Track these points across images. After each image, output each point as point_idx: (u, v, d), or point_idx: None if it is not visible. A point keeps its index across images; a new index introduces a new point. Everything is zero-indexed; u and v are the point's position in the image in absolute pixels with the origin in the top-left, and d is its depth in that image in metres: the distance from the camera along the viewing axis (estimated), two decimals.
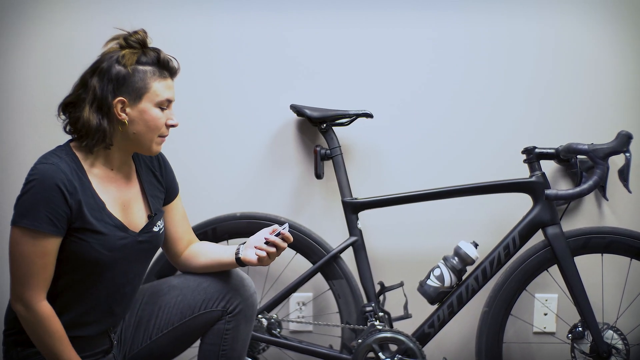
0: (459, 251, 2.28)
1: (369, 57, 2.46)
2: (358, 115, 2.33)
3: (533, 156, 2.28)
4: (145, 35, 1.80)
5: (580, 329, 2.30)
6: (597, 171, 2.18)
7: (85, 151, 1.78)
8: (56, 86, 2.32)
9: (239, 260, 1.93)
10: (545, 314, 2.55)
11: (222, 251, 1.98)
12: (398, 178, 2.47)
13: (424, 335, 2.30)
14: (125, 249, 1.80)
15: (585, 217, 2.49)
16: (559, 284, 2.38)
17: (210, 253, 1.99)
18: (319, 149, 2.33)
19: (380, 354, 2.24)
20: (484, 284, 2.30)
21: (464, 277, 2.30)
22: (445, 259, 2.29)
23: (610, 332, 2.30)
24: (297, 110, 2.37)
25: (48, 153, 1.77)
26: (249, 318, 1.99)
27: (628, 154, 2.20)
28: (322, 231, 2.40)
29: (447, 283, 2.27)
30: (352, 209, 2.32)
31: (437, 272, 2.28)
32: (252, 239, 1.93)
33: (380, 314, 2.29)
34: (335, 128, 2.35)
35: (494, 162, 2.47)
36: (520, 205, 2.32)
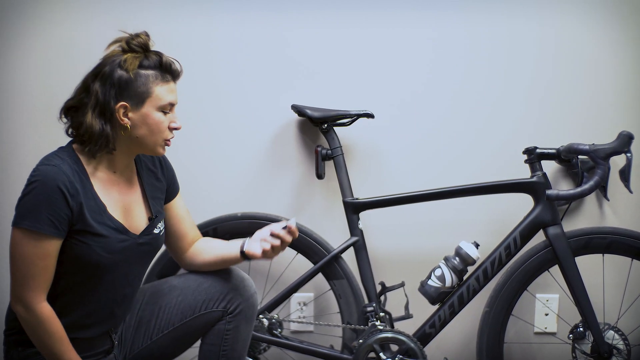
0: (460, 251, 2.28)
1: (369, 57, 2.46)
2: (359, 116, 2.33)
3: (534, 156, 2.28)
4: (147, 38, 1.79)
5: (581, 329, 2.30)
6: (598, 171, 2.18)
7: (88, 155, 1.77)
8: (56, 86, 2.34)
9: (243, 253, 1.92)
10: (546, 314, 2.55)
11: (227, 246, 1.97)
12: (399, 178, 2.47)
13: (425, 335, 2.30)
14: (126, 251, 1.80)
15: (586, 218, 2.49)
16: (560, 284, 2.38)
17: (214, 249, 1.99)
18: (320, 149, 2.32)
19: (381, 354, 2.24)
20: (485, 284, 2.29)
21: (465, 278, 2.30)
22: (446, 259, 2.29)
23: (611, 333, 2.30)
24: (298, 110, 2.36)
25: (50, 154, 1.76)
26: (249, 318, 1.99)
27: (629, 154, 2.20)
28: (323, 231, 2.40)
29: (448, 283, 2.27)
30: (353, 209, 2.32)
31: (438, 272, 2.28)
32: (258, 233, 1.93)
33: (381, 314, 2.29)
34: (336, 128, 2.34)
35: (494, 162, 2.47)
36: (522, 205, 2.32)
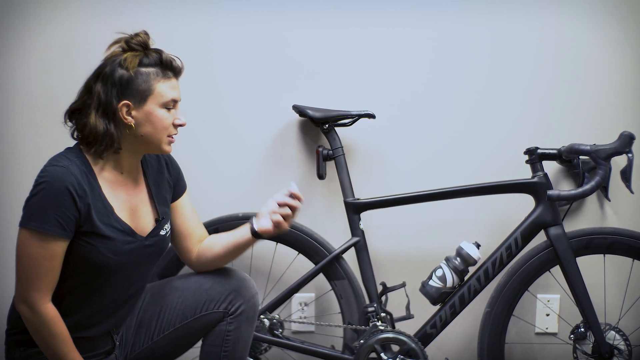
0: (461, 252, 2.28)
1: (369, 57, 2.45)
2: (360, 116, 2.33)
3: (535, 157, 2.28)
4: (146, 37, 1.79)
5: (582, 329, 2.30)
6: (600, 172, 2.18)
7: (95, 156, 1.77)
8: (56, 86, 2.35)
9: (255, 233, 1.91)
10: (548, 315, 2.55)
11: (236, 233, 1.96)
12: (400, 178, 2.47)
13: (426, 335, 2.30)
14: (132, 253, 1.80)
15: (587, 218, 2.49)
16: (561, 284, 2.37)
17: (222, 240, 1.97)
18: (321, 149, 2.32)
19: (382, 355, 2.24)
20: (486, 285, 2.29)
21: (466, 278, 2.30)
22: (447, 260, 2.29)
23: (613, 333, 2.30)
24: (300, 110, 2.36)
25: (58, 155, 1.75)
26: (250, 319, 1.98)
27: (630, 155, 2.20)
28: (324, 232, 2.40)
29: (449, 283, 2.27)
30: (355, 209, 2.32)
31: (439, 273, 2.28)
32: (263, 210, 1.92)
33: (383, 315, 2.29)
34: (337, 128, 2.34)
35: (495, 163, 2.47)
36: (523, 205, 2.32)
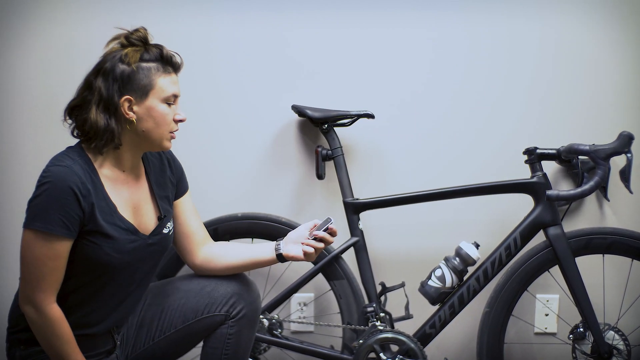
0: (460, 252, 2.28)
1: (369, 57, 2.45)
2: (360, 116, 2.33)
3: (534, 157, 2.28)
4: (146, 32, 1.79)
5: (581, 329, 2.30)
6: (599, 172, 2.18)
7: (95, 152, 1.76)
8: (56, 86, 2.35)
9: (281, 256, 1.93)
10: (547, 315, 2.55)
11: (257, 250, 1.97)
12: (399, 178, 2.47)
13: (425, 335, 2.30)
14: (136, 251, 1.80)
15: (586, 218, 2.49)
16: (560, 284, 2.38)
17: (240, 253, 1.97)
18: (320, 149, 2.32)
19: (381, 355, 2.24)
20: (485, 285, 2.29)
21: (465, 278, 2.30)
22: (446, 260, 2.29)
23: (612, 333, 2.30)
24: (299, 110, 2.36)
25: (60, 154, 1.75)
26: (252, 323, 1.98)
27: (629, 155, 2.20)
28: None
29: (449, 283, 2.27)
30: (354, 209, 2.32)
31: (439, 273, 2.28)
32: (293, 235, 1.94)
33: (382, 315, 2.29)
34: (336, 128, 2.34)
35: (495, 163, 2.47)
36: (522, 205, 2.32)
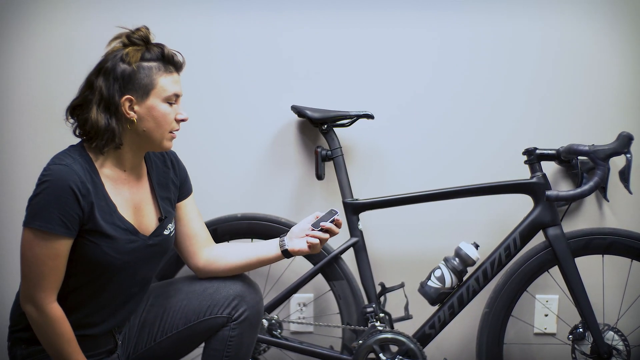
0: (459, 252, 2.28)
1: (369, 58, 2.45)
2: (359, 116, 2.33)
3: (534, 157, 2.28)
4: (147, 31, 1.79)
5: (581, 330, 2.30)
6: (598, 172, 2.18)
7: (96, 152, 1.76)
8: (56, 86, 2.35)
9: (286, 252, 1.93)
10: (546, 315, 2.55)
11: (261, 248, 1.97)
12: (399, 179, 2.47)
13: (425, 336, 2.30)
14: (135, 252, 1.80)
15: (586, 218, 2.49)
16: (559, 285, 2.38)
17: (243, 252, 1.97)
18: (319, 149, 2.32)
19: (381, 355, 2.24)
20: (484, 285, 2.29)
21: (464, 278, 2.30)
22: (446, 260, 2.29)
23: (611, 333, 2.30)
24: (298, 111, 2.36)
25: (61, 153, 1.75)
26: (254, 325, 1.98)
27: (629, 155, 2.20)
28: None
29: (448, 284, 2.27)
30: (353, 209, 2.32)
31: (438, 273, 2.28)
32: (296, 230, 1.95)
33: (381, 315, 2.29)
34: (336, 129, 2.34)
35: (494, 163, 2.47)
36: (521, 206, 2.32)
